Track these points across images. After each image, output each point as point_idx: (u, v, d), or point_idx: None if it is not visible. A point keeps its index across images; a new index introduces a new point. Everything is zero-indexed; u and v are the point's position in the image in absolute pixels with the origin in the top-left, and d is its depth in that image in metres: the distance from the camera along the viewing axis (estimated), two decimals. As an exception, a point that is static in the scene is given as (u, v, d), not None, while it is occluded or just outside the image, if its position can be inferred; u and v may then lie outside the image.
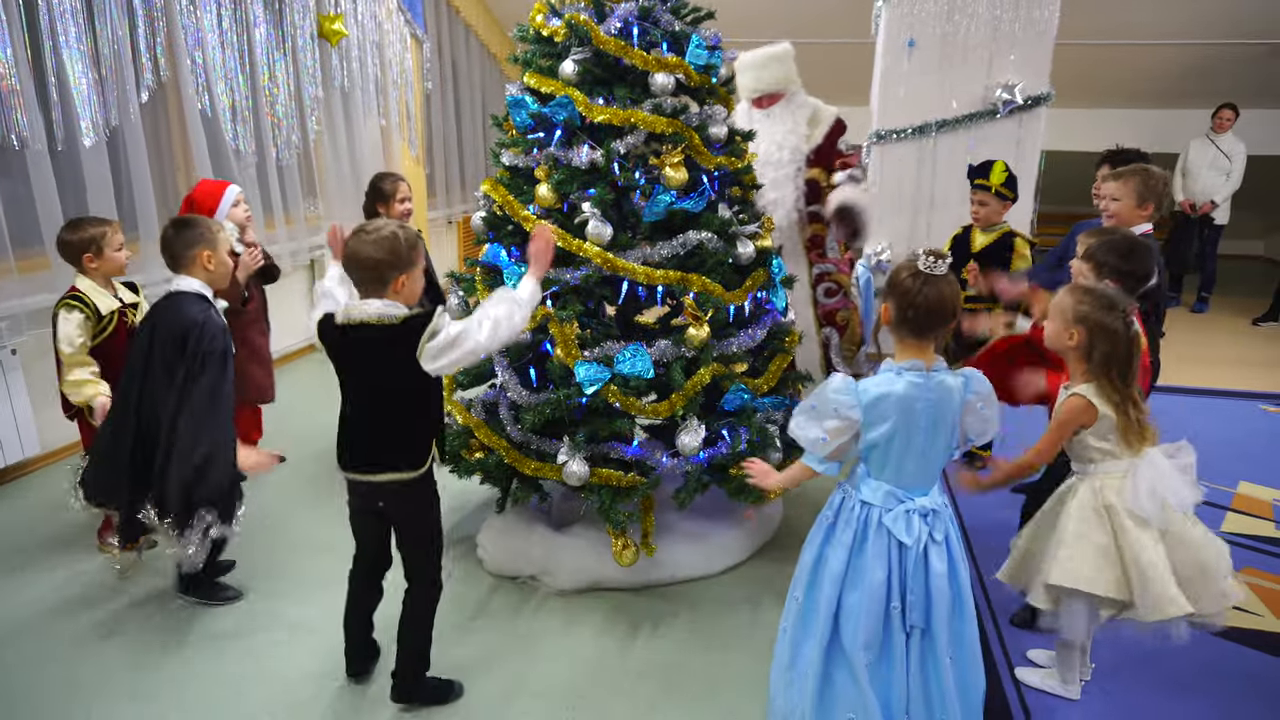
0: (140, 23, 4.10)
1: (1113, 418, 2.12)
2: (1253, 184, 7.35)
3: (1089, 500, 2.16)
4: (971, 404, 1.94)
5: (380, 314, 2.05)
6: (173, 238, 2.56)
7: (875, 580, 1.90)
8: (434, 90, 7.30)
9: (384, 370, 2.11)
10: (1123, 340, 2.10)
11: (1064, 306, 2.17)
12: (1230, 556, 2.18)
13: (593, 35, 2.74)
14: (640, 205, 2.75)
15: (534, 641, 2.66)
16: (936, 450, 1.94)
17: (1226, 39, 7.34)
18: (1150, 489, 2.09)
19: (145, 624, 2.75)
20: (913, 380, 1.89)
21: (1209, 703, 2.42)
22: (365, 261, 2.05)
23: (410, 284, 2.11)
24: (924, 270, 1.87)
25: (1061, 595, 2.17)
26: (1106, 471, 2.17)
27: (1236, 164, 7.14)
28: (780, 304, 3.12)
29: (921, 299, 1.86)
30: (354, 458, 2.19)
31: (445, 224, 7.95)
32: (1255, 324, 7.25)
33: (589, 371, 2.64)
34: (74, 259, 2.95)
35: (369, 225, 2.10)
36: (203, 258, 2.56)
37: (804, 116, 4.26)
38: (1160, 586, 2.04)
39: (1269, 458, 4.26)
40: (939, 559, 1.91)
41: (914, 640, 1.93)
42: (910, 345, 1.93)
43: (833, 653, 1.97)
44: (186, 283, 2.56)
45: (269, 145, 5.11)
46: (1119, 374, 2.11)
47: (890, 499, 1.94)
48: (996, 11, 5.19)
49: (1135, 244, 2.52)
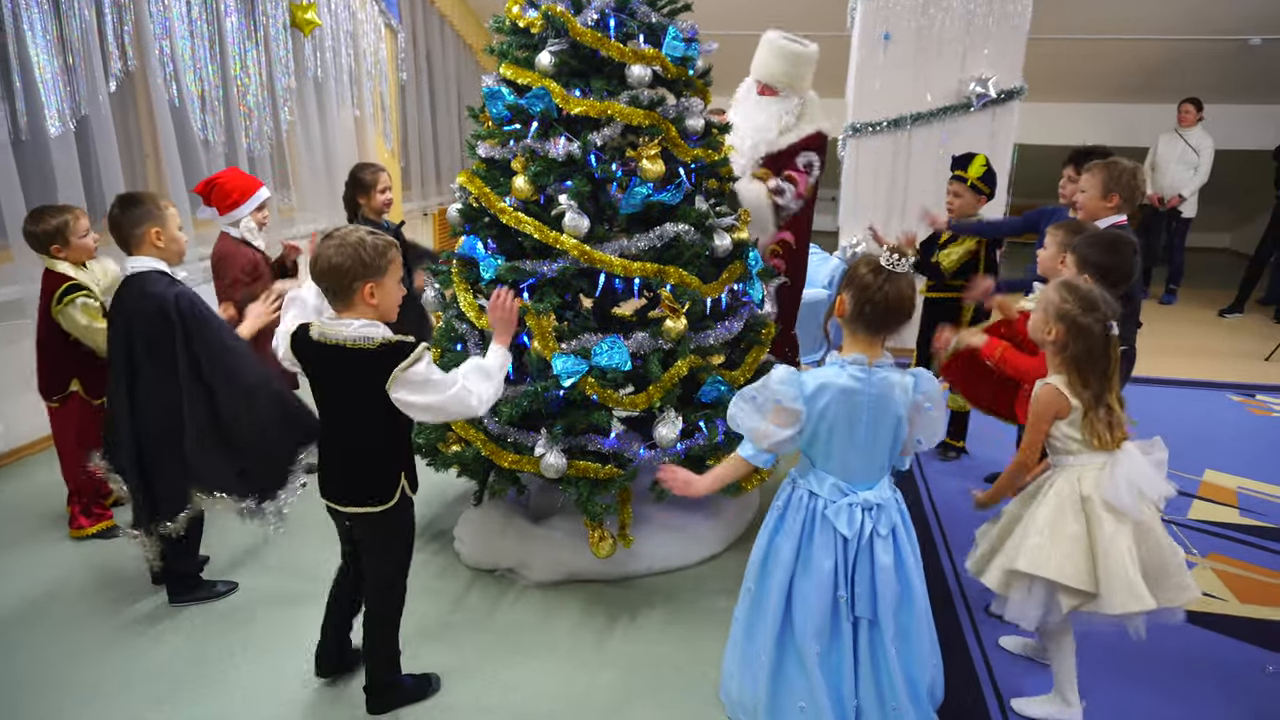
0: (108, 10, 4.02)
1: (1081, 409, 2.14)
2: (1220, 178, 7.48)
3: (1066, 491, 2.16)
4: (919, 404, 1.94)
5: (356, 337, 1.95)
6: (119, 217, 2.53)
7: (823, 570, 1.92)
8: (409, 81, 7.22)
9: (354, 396, 2.01)
10: (1098, 342, 2.10)
11: (1049, 301, 2.18)
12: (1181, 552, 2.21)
13: (569, 27, 2.73)
14: (617, 197, 2.75)
15: (512, 634, 2.66)
16: (881, 446, 1.94)
17: (1194, 35, 7.45)
18: (1128, 482, 2.10)
19: (125, 615, 2.72)
20: (855, 374, 1.89)
21: (1175, 687, 2.47)
22: (329, 268, 1.94)
23: (382, 294, 1.99)
24: (885, 267, 1.87)
25: (1016, 581, 2.16)
26: (1084, 463, 2.17)
27: (1204, 158, 7.26)
28: (757, 296, 3.13)
29: (880, 295, 1.86)
30: (325, 485, 2.12)
31: (421, 216, 7.89)
32: (1222, 315, 7.38)
33: (566, 364, 2.64)
34: (42, 250, 2.96)
35: (336, 230, 2.00)
36: (151, 235, 2.53)
37: (786, 123, 4.09)
38: (1128, 581, 2.05)
39: (1234, 446, 4.34)
40: (885, 552, 1.92)
41: (862, 630, 1.95)
42: (861, 340, 1.93)
43: (784, 642, 2.00)
44: (141, 262, 2.54)
45: (240, 136, 5.04)
46: (1092, 373, 2.12)
47: (835, 491, 1.95)
48: (970, 6, 5.24)
49: (1119, 241, 2.55)
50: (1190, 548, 3.27)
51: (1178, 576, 2.14)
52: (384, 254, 1.98)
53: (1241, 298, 7.41)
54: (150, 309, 2.47)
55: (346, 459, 2.08)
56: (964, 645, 2.63)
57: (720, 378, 2.86)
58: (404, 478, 2.12)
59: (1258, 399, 5.13)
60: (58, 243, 2.92)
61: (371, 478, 2.08)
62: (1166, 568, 2.14)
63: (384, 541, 2.18)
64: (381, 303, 2.00)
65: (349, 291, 1.96)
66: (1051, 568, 2.08)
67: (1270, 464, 4.10)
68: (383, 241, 1.99)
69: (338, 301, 1.99)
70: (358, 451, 2.07)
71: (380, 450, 2.07)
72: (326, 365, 2.02)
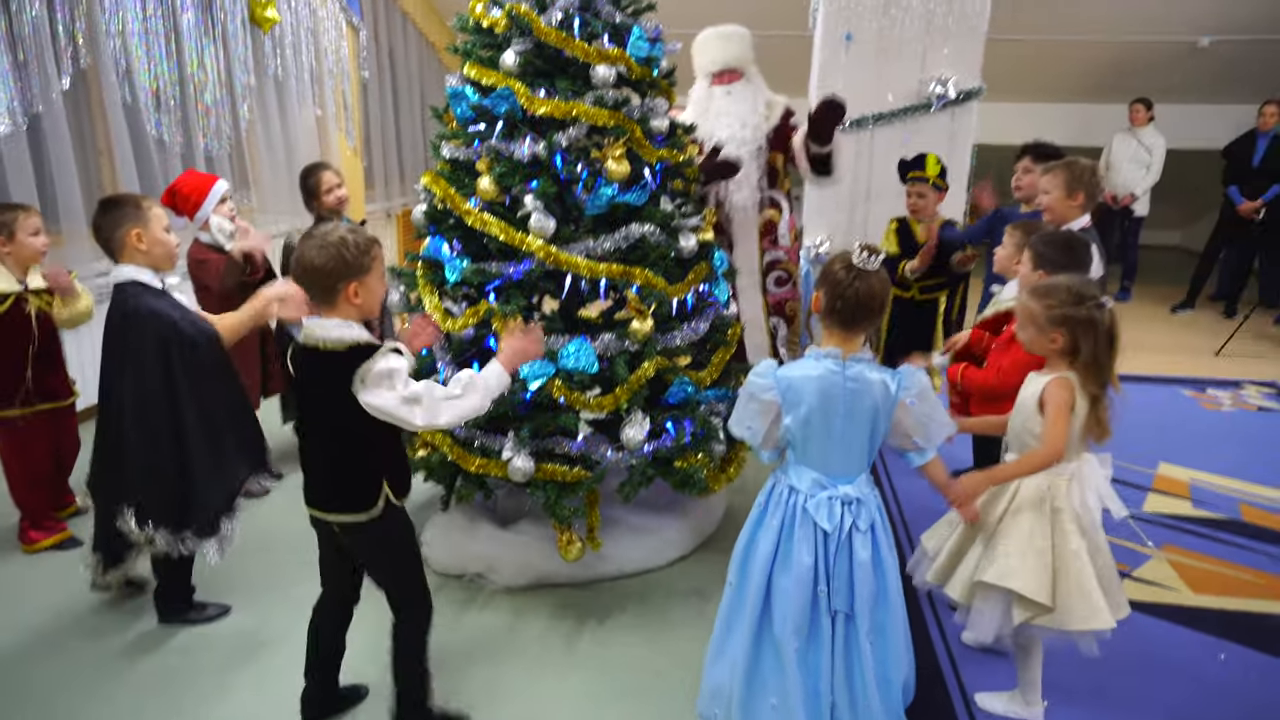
0: (60, 6, 3.92)
1: (1082, 413, 2.10)
2: (1170, 177, 7.66)
3: (1037, 502, 2.12)
4: (904, 403, 1.93)
5: (329, 338, 1.91)
6: (101, 221, 2.45)
7: (803, 564, 1.93)
8: (371, 79, 7.14)
9: (327, 399, 1.96)
10: (1104, 327, 2.07)
11: (1034, 313, 2.13)
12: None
13: (534, 26, 2.72)
14: (583, 198, 2.75)
15: (481, 639, 2.65)
16: (858, 440, 1.96)
17: (1146, 35, 7.62)
18: (1096, 494, 2.11)
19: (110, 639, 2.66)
20: (829, 367, 1.92)
21: (1129, 676, 2.52)
22: (311, 269, 1.90)
23: (365, 292, 1.95)
24: (857, 264, 1.90)
25: (982, 592, 2.14)
26: (1056, 473, 2.12)
27: (1156, 157, 7.43)
28: (722, 297, 3.15)
29: (851, 292, 1.90)
30: (308, 492, 2.06)
31: (384, 217, 7.80)
32: (1174, 311, 7.57)
33: (533, 367, 2.63)
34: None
35: (318, 230, 1.96)
36: (132, 237, 2.44)
37: (763, 98, 4.21)
38: (1087, 599, 2.05)
39: (1187, 440, 4.45)
40: (863, 547, 1.94)
41: (839, 624, 1.96)
42: (835, 335, 1.96)
43: (762, 636, 2.01)
44: (126, 271, 2.45)
45: (197, 135, 4.94)
46: (1107, 363, 2.08)
47: (815, 486, 1.97)
48: (930, 6, 5.30)
49: (1074, 239, 2.59)
50: (1145, 539, 3.35)
51: (1116, 595, 2.16)
52: (367, 251, 1.94)
53: (1193, 294, 7.60)
54: (131, 326, 2.40)
55: (325, 464, 2.03)
56: (929, 641, 2.67)
57: (687, 379, 2.87)
58: (386, 485, 2.03)
59: (1209, 393, 5.27)
60: (2, 236, 2.86)
61: (351, 484, 2.02)
62: (1111, 586, 2.14)
63: (381, 553, 2.11)
64: (365, 301, 1.96)
65: (333, 292, 1.92)
66: (1016, 579, 2.06)
67: (1221, 457, 4.21)
68: (365, 238, 1.95)
69: (320, 302, 1.95)
70: (335, 456, 2.01)
71: (358, 455, 2.01)
72: (304, 368, 1.98)
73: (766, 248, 4.35)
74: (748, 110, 4.13)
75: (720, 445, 2.93)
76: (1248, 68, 7.97)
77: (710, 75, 4.21)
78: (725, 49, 4.13)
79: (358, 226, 2.00)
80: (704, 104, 4.19)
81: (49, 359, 3.06)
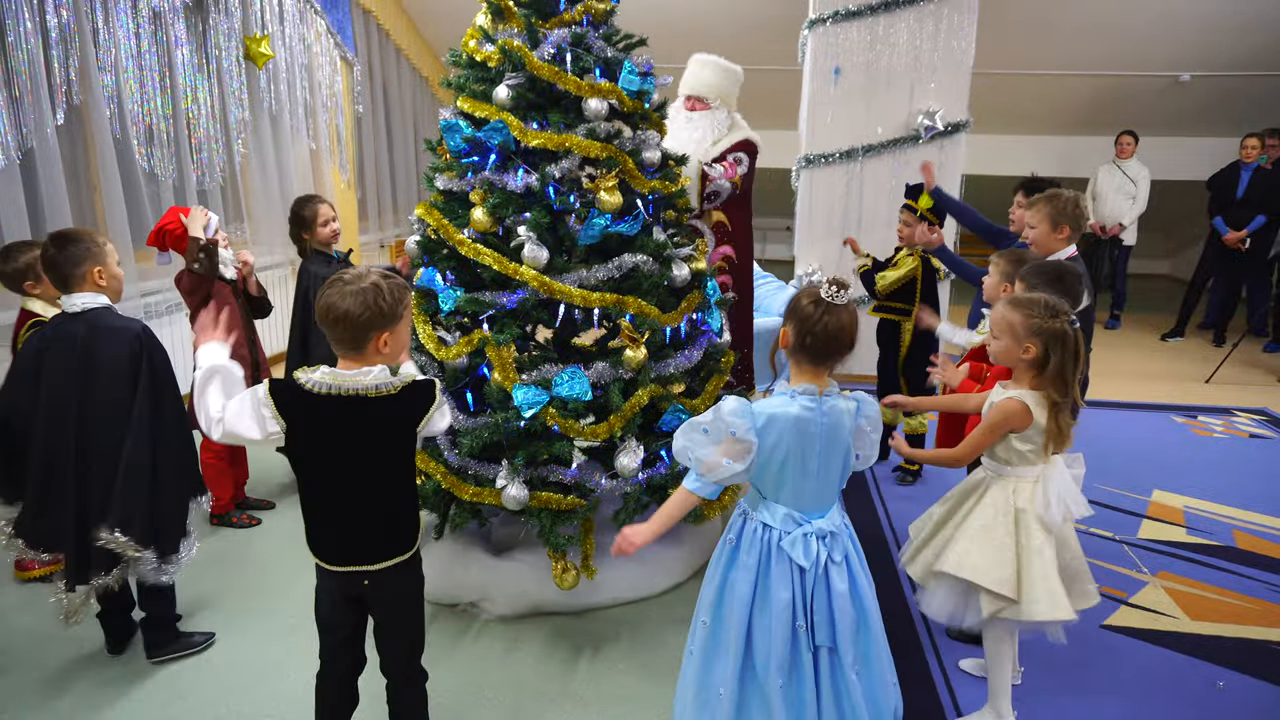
0: (55, 43, 3.96)
1: (1043, 424, 2.20)
2: (1157, 207, 7.76)
3: (1000, 502, 2.25)
4: (862, 428, 1.97)
5: (379, 384, 1.82)
6: (56, 256, 2.39)
7: (780, 601, 1.91)
8: (365, 113, 7.22)
9: (379, 445, 1.88)
10: (1073, 342, 2.17)
11: (1012, 322, 2.21)
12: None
13: (526, 61, 2.76)
14: (576, 229, 2.77)
15: (475, 668, 2.62)
16: (832, 474, 1.96)
17: (1129, 71, 7.77)
18: (1059, 498, 2.20)
19: (97, 676, 2.61)
20: (805, 404, 1.90)
21: (1131, 704, 2.51)
22: (344, 317, 1.78)
23: (394, 341, 1.87)
24: (825, 298, 1.89)
25: (938, 577, 2.30)
26: (1020, 475, 2.26)
27: (1141, 188, 7.53)
28: (715, 325, 3.17)
29: (820, 327, 1.87)
30: (341, 551, 1.92)
31: (378, 248, 7.85)
32: (1164, 339, 7.62)
33: (527, 395, 2.64)
34: (15, 287, 2.91)
35: (347, 274, 1.84)
36: (94, 274, 2.43)
37: (718, 134, 4.16)
38: (1051, 591, 2.17)
39: (1180, 466, 4.47)
40: (840, 579, 1.93)
41: (822, 659, 1.93)
42: (806, 371, 1.93)
43: (746, 678, 1.96)
44: (88, 299, 2.43)
45: (190, 169, 4.98)
46: (1070, 378, 2.17)
47: (789, 522, 1.94)
48: (917, 42, 5.40)
49: (1065, 270, 2.63)
50: (1141, 567, 3.35)
51: (1082, 583, 2.31)
52: (401, 300, 1.86)
53: (1182, 322, 7.67)
54: (118, 344, 2.39)
55: (375, 514, 1.91)
56: (926, 668, 2.65)
57: (681, 407, 2.87)
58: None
59: (1200, 420, 5.29)
60: (30, 278, 2.88)
61: (402, 523, 1.96)
62: (1077, 575, 2.29)
63: (404, 590, 2.01)
64: (392, 350, 1.88)
65: (362, 341, 1.82)
66: (980, 574, 2.19)
67: (1214, 484, 4.22)
68: (398, 285, 1.87)
69: (347, 350, 1.85)
70: (386, 502, 1.92)
71: (408, 492, 1.97)
72: (338, 419, 1.83)
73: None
74: (697, 140, 4.11)
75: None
76: (1227, 102, 8.13)
77: (684, 97, 4.26)
78: (697, 75, 4.16)
79: (388, 272, 1.91)
80: (671, 122, 4.23)
81: None
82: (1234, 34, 7.14)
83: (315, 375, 1.82)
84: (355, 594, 1.96)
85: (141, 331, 2.45)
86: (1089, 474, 2.32)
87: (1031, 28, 7.10)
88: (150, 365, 2.44)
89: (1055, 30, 7.18)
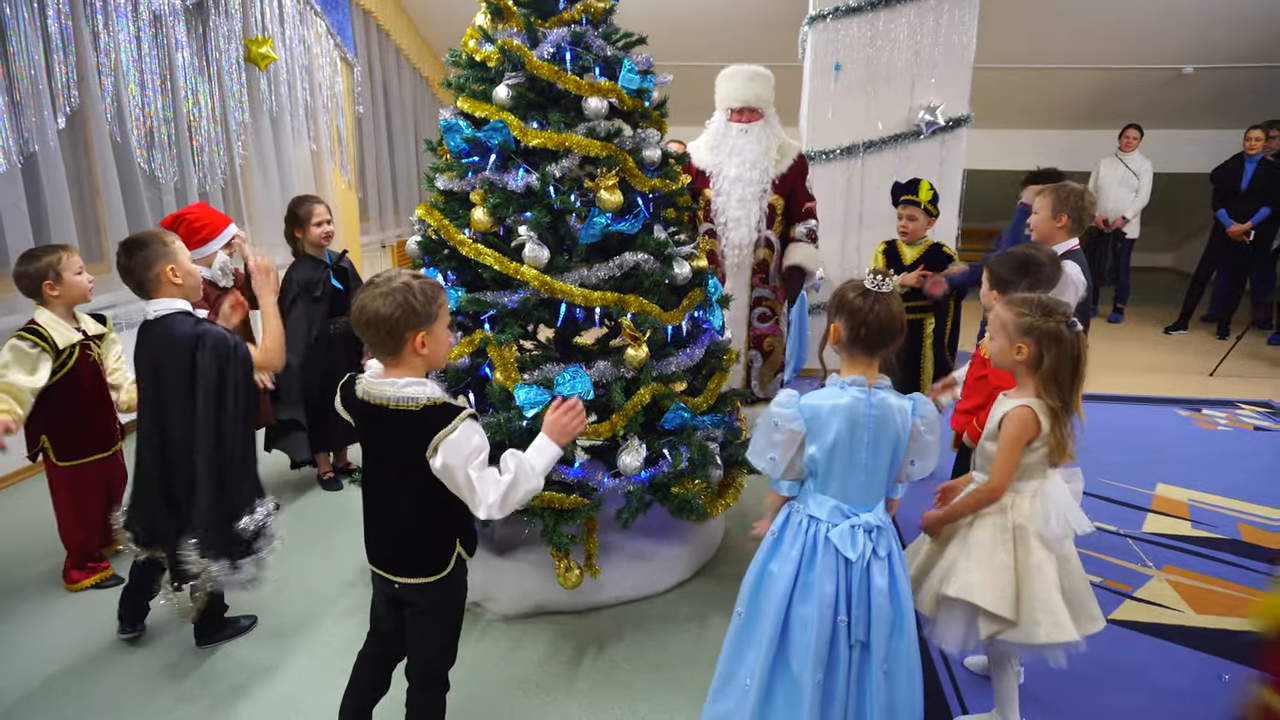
0: (56, 46, 3.97)
1: (1047, 432, 2.10)
2: (1160, 200, 7.74)
3: (999, 519, 2.15)
4: (917, 429, 1.93)
5: (399, 397, 1.80)
6: (129, 263, 2.42)
7: (826, 594, 1.90)
8: (366, 114, 7.22)
9: (398, 460, 1.85)
10: (1069, 344, 2.07)
11: (1005, 321, 2.15)
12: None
13: (526, 61, 2.76)
14: (576, 228, 2.77)
15: (479, 669, 2.63)
16: (880, 467, 1.94)
17: (1131, 64, 7.75)
18: (1058, 513, 2.10)
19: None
20: (856, 395, 1.91)
21: (1136, 698, 2.51)
22: (376, 319, 1.77)
23: (433, 343, 1.84)
24: (872, 289, 1.91)
25: (945, 605, 2.17)
26: (1018, 491, 2.16)
27: (1144, 181, 7.52)
28: (717, 323, 3.16)
29: (874, 317, 1.89)
30: (372, 552, 1.96)
31: (379, 248, 7.86)
32: (1167, 332, 7.61)
33: (529, 394, 2.64)
34: (34, 291, 2.88)
35: (379, 277, 1.83)
36: (167, 273, 2.43)
37: (776, 143, 4.31)
38: (1053, 612, 2.06)
39: (1184, 460, 4.46)
40: (881, 574, 1.92)
41: (855, 655, 1.93)
42: (860, 362, 1.94)
43: (778, 669, 1.96)
44: (162, 305, 2.44)
45: (191, 171, 4.99)
46: (1067, 382, 2.08)
47: (836, 514, 1.94)
48: (918, 37, 5.39)
49: (1029, 258, 2.60)
50: (1146, 560, 3.34)
51: (1089, 607, 2.17)
52: (434, 299, 1.83)
53: (1185, 315, 7.65)
54: (178, 353, 2.38)
55: (393, 528, 1.92)
56: (933, 667, 2.65)
57: (683, 405, 2.87)
58: (460, 544, 1.95)
59: (1204, 413, 5.28)
60: (50, 278, 2.85)
61: (422, 548, 1.91)
62: (1080, 597, 2.16)
63: (437, 608, 1.99)
64: (432, 352, 1.85)
65: (399, 343, 1.80)
66: (979, 594, 2.08)
67: (1219, 477, 4.21)
68: (430, 285, 1.84)
69: (384, 354, 1.84)
70: (406, 520, 1.90)
71: (431, 518, 1.89)
72: (371, 425, 1.87)
73: (756, 284, 4.46)
74: (760, 152, 4.25)
75: (718, 470, 2.93)
76: (1230, 94, 8.10)
77: (729, 110, 4.32)
78: (748, 88, 4.25)
79: (420, 273, 1.89)
80: (719, 137, 4.34)
81: (105, 405, 3.06)
82: (1237, 26, 7.12)
83: (364, 379, 1.88)
84: (391, 594, 1.99)
85: (226, 340, 2.43)
86: (1093, 467, 2.28)
87: (1033, 21, 7.08)
88: (234, 372, 2.42)
89: (1057, 24, 7.16)
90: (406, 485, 1.87)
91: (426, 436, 1.77)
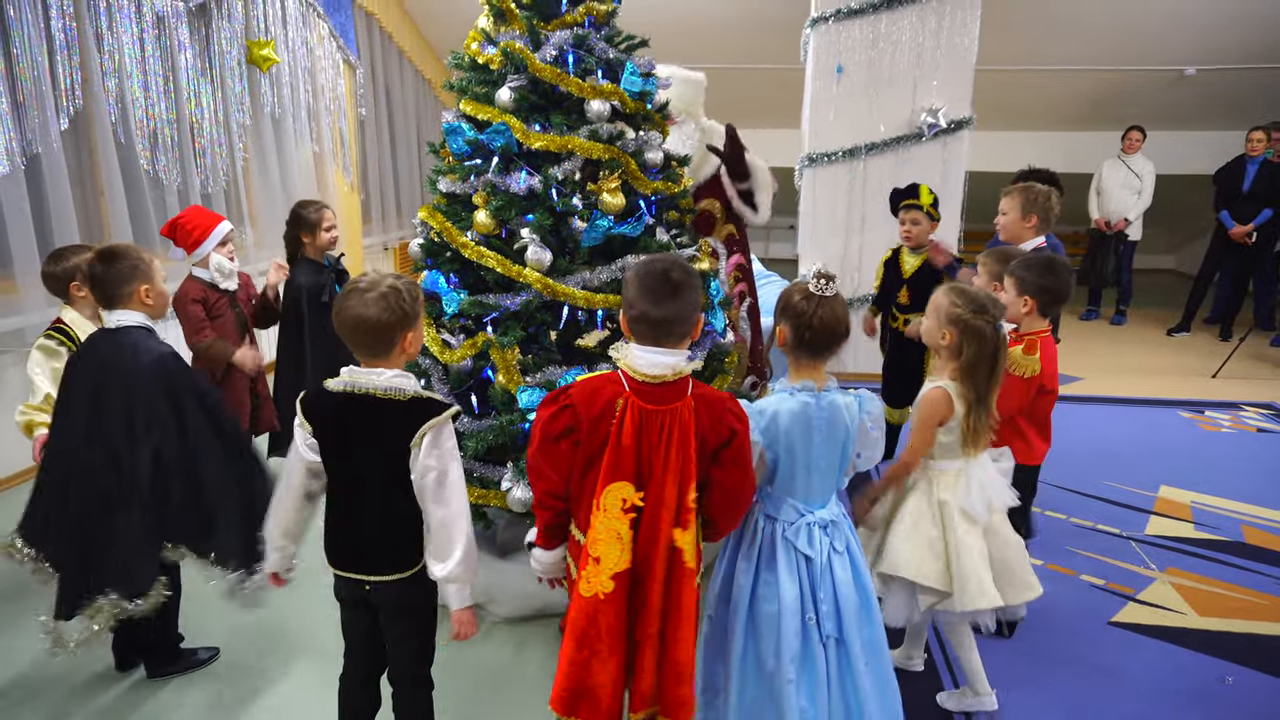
0: (59, 48, 3.98)
1: (961, 416, 2.22)
2: (1162, 201, 7.73)
3: (924, 497, 2.28)
4: (864, 426, 1.97)
5: (387, 387, 1.84)
6: (103, 274, 2.33)
7: (789, 594, 1.92)
8: (368, 116, 7.23)
9: (380, 451, 1.86)
10: (989, 343, 2.18)
11: (939, 305, 2.26)
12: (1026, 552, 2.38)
13: (528, 63, 2.76)
14: (579, 230, 2.77)
15: (482, 671, 2.63)
16: (833, 465, 1.98)
17: (1133, 66, 7.75)
18: (981, 490, 2.23)
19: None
20: (805, 400, 1.92)
21: (1140, 699, 2.51)
22: (368, 323, 1.81)
23: (416, 339, 1.92)
24: (815, 293, 1.91)
25: (887, 582, 2.29)
26: (942, 469, 2.28)
27: (1147, 183, 7.50)
28: (719, 325, 3.16)
29: (817, 320, 1.89)
30: (340, 555, 1.94)
31: (381, 250, 7.87)
32: (1170, 334, 7.60)
33: (532, 397, 2.64)
34: (61, 291, 2.83)
35: (362, 281, 1.85)
36: (140, 293, 2.35)
37: (694, 147, 4.05)
38: (978, 581, 2.19)
39: (1187, 462, 4.45)
40: (842, 568, 1.95)
41: (831, 651, 1.94)
42: (805, 366, 1.96)
43: (748, 671, 1.98)
44: (130, 316, 2.35)
45: (193, 173, 4.99)
46: (981, 376, 2.19)
47: (792, 513, 1.97)
48: (920, 39, 5.39)
49: (1055, 262, 2.64)
50: (1149, 563, 3.34)
51: (1023, 575, 2.30)
52: (417, 299, 1.89)
53: (1188, 317, 7.63)
54: (142, 368, 2.30)
55: (366, 524, 1.91)
56: (928, 652, 2.65)
57: (685, 407, 2.87)
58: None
59: (1207, 415, 5.28)
60: (77, 279, 2.79)
61: (397, 542, 1.92)
62: (1012, 567, 2.29)
63: (412, 607, 1.99)
64: (414, 349, 1.92)
65: (389, 344, 1.85)
66: (909, 569, 2.21)
67: (1222, 479, 4.21)
68: (412, 285, 1.89)
69: (371, 354, 1.86)
70: (380, 514, 1.90)
71: (406, 511, 1.89)
72: (351, 419, 1.87)
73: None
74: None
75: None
76: (1232, 95, 8.10)
77: None
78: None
79: (397, 273, 1.92)
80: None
81: None
82: (1239, 27, 7.12)
83: (346, 374, 1.88)
84: (360, 597, 1.97)
85: (167, 357, 2.36)
86: (1095, 470, 2.33)
87: (1035, 23, 7.08)
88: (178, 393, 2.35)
89: (1059, 26, 7.16)
90: (384, 478, 1.87)
91: (414, 425, 1.81)
